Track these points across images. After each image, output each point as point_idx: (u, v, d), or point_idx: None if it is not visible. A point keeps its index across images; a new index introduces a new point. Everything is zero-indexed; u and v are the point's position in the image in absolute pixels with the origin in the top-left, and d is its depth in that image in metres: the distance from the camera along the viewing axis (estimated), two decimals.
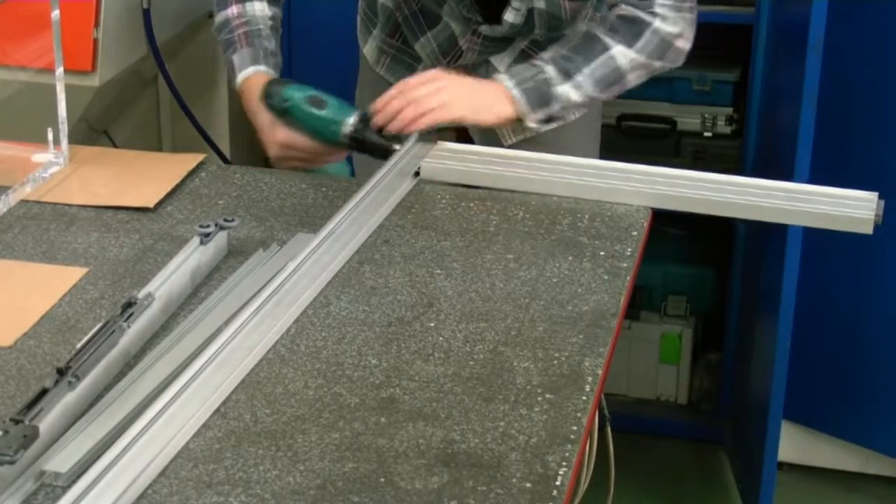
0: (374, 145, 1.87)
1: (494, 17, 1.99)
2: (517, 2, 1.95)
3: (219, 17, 2.02)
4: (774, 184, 1.81)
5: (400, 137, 1.87)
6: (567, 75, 1.88)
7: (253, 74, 1.95)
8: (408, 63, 2.16)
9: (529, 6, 1.96)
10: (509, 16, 1.97)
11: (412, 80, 1.87)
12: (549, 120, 1.92)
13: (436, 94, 1.85)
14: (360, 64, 2.26)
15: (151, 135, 2.84)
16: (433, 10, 2.04)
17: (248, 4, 1.99)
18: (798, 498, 2.96)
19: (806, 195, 1.77)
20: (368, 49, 2.22)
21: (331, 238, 1.59)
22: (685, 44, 1.94)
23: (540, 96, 1.87)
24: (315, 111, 1.87)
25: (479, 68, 2.10)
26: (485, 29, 2.02)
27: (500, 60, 2.09)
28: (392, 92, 1.86)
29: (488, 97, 1.87)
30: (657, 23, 1.90)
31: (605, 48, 1.90)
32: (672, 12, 1.91)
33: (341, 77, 2.28)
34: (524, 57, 2.08)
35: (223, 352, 1.33)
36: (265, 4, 2.01)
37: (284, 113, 1.88)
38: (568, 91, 1.88)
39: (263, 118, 1.91)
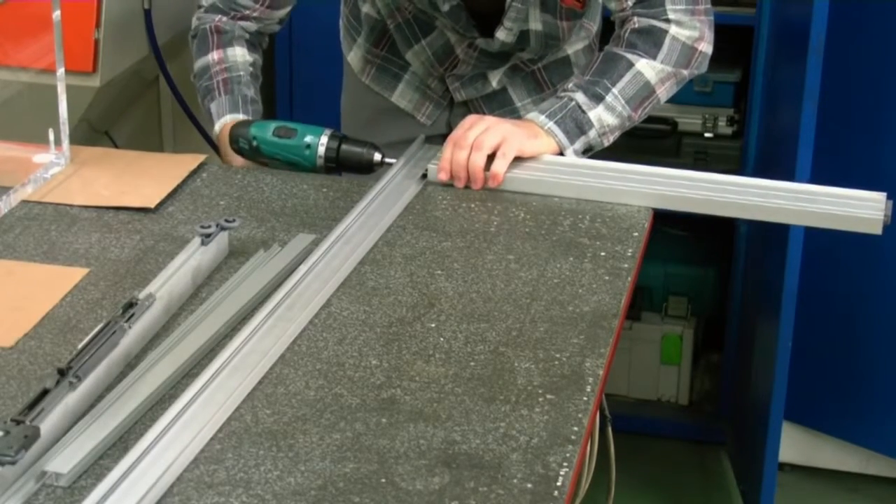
0: (353, 158, 1.83)
1: (489, 33, 1.98)
2: (509, 22, 1.94)
3: (199, 64, 2.00)
4: (779, 184, 1.79)
5: (377, 146, 1.86)
6: (597, 98, 1.84)
7: (230, 122, 1.93)
8: (394, 73, 2.13)
9: (523, 28, 1.94)
10: (501, 34, 1.96)
11: (458, 131, 1.81)
12: (588, 149, 1.87)
13: (486, 133, 1.79)
14: (343, 71, 2.24)
15: (152, 135, 2.84)
16: (427, 19, 2.02)
17: (229, 50, 1.97)
18: (799, 499, 2.95)
19: (812, 196, 1.76)
20: (353, 57, 2.19)
21: (340, 241, 1.59)
22: (707, 47, 1.90)
23: (575, 124, 1.83)
24: (285, 141, 1.83)
25: (476, 82, 2.08)
26: (481, 42, 2.00)
27: (494, 74, 2.07)
28: (446, 153, 1.80)
29: (530, 131, 1.82)
30: (674, 29, 1.87)
31: (630, 64, 1.86)
32: (686, 16, 1.88)
33: (342, 80, 2.27)
34: (515, 69, 2.07)
35: (236, 357, 1.33)
36: (246, 50, 1.99)
37: (256, 152, 1.85)
38: (601, 114, 1.84)
39: (238, 164, 1.90)
